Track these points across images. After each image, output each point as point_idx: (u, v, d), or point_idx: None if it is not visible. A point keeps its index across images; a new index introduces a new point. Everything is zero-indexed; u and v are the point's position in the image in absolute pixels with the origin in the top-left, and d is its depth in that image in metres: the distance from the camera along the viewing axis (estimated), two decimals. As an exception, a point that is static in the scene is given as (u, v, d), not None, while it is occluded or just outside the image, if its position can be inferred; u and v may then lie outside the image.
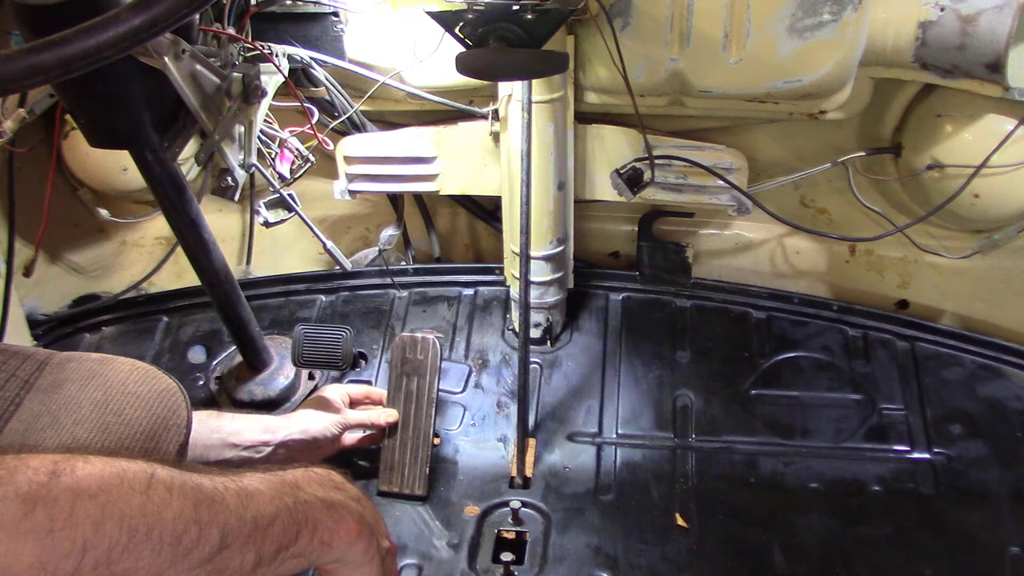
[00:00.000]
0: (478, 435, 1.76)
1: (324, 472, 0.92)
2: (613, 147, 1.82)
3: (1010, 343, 1.81)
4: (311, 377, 1.89)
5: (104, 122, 1.32)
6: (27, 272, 2.09)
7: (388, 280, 2.06)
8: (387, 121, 1.97)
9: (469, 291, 2.05)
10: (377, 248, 2.15)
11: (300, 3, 1.67)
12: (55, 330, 2.06)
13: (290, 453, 1.49)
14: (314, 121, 1.67)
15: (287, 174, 1.65)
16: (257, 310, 1.82)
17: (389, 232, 2.15)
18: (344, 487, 0.92)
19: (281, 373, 1.83)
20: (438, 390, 1.65)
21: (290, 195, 1.63)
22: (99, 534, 0.65)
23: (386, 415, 1.64)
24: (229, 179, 1.49)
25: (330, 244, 1.71)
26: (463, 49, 1.29)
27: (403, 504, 1.62)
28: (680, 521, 1.57)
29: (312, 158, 1.68)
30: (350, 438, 1.64)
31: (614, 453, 1.71)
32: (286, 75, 1.54)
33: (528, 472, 1.67)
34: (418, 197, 2.17)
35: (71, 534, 0.64)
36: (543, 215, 1.74)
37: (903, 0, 1.52)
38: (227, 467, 0.93)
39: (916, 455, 1.67)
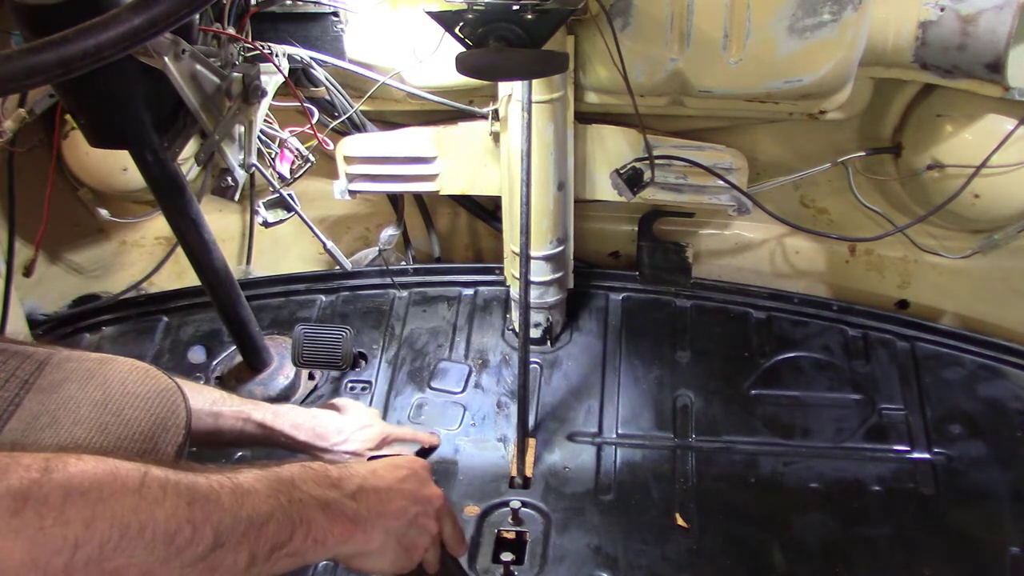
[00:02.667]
0: (478, 435, 1.76)
1: (320, 468, 0.91)
2: (613, 147, 1.82)
3: (1010, 343, 1.81)
4: (311, 377, 1.89)
5: (104, 122, 1.33)
6: (27, 272, 2.09)
7: (388, 280, 2.06)
8: (387, 121, 1.97)
9: (469, 291, 2.05)
10: (377, 248, 2.15)
11: (300, 3, 1.67)
12: (55, 330, 2.06)
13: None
14: (314, 121, 1.67)
15: (287, 174, 1.65)
16: (257, 310, 1.82)
17: (389, 232, 2.15)
18: (340, 484, 0.91)
19: (281, 373, 1.83)
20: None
21: (290, 195, 1.63)
22: (90, 531, 0.65)
23: (430, 437, 1.68)
24: (229, 179, 1.49)
25: (330, 244, 1.71)
26: (463, 49, 1.29)
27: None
28: (680, 521, 1.57)
29: (312, 158, 1.68)
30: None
31: (614, 453, 1.70)
32: (286, 75, 1.54)
33: (528, 472, 1.67)
34: (418, 197, 2.17)
35: (62, 531, 0.64)
36: (543, 215, 1.74)
37: (903, 0, 1.52)
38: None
39: (916, 455, 1.66)
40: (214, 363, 1.93)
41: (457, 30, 1.29)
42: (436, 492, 1.03)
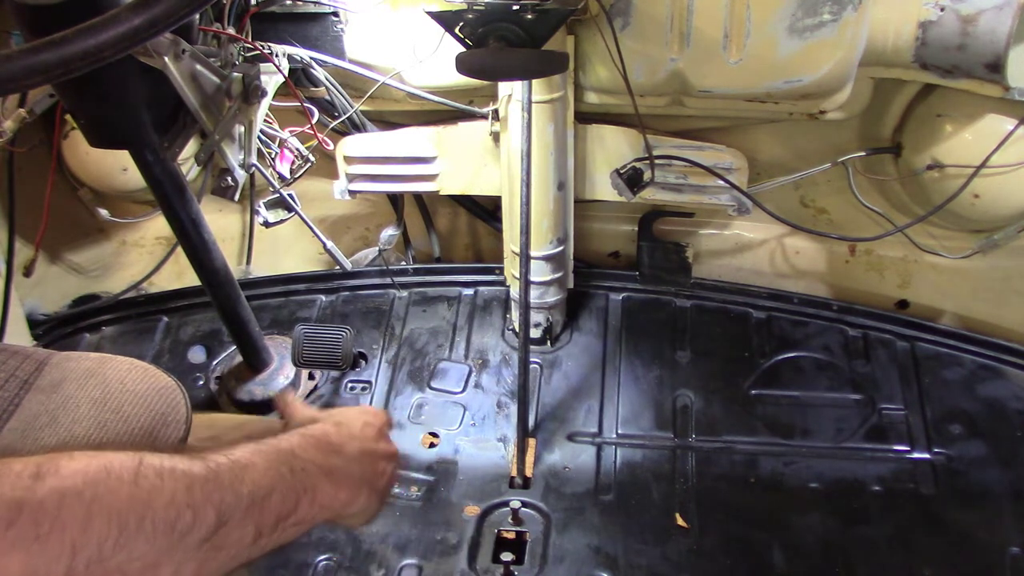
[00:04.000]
0: (478, 435, 1.76)
1: (320, 434, 0.91)
2: (613, 147, 1.82)
3: (1010, 343, 1.81)
4: (311, 377, 1.89)
5: (104, 122, 1.32)
6: (27, 272, 2.09)
7: (388, 280, 2.06)
8: (387, 121, 1.97)
9: (469, 291, 2.05)
10: (377, 248, 2.15)
11: (300, 3, 1.67)
12: (55, 330, 2.06)
13: None
14: (314, 121, 1.67)
15: (287, 174, 1.65)
16: (257, 310, 1.82)
17: (389, 232, 2.15)
18: (341, 450, 0.92)
19: (281, 373, 1.83)
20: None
21: (290, 195, 1.63)
22: (87, 533, 0.64)
23: None
24: (229, 179, 1.49)
25: (330, 244, 1.71)
26: (463, 49, 1.29)
27: (403, 503, 1.62)
28: (680, 521, 1.57)
29: (312, 158, 1.68)
30: None
31: (614, 453, 1.70)
32: (286, 75, 1.54)
33: (528, 472, 1.67)
34: (418, 197, 2.17)
35: (59, 538, 0.63)
36: (543, 215, 1.74)
37: (903, 0, 1.52)
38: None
39: (916, 455, 1.66)
40: (214, 363, 1.93)
41: (457, 30, 1.29)
42: (394, 446, 1.06)
